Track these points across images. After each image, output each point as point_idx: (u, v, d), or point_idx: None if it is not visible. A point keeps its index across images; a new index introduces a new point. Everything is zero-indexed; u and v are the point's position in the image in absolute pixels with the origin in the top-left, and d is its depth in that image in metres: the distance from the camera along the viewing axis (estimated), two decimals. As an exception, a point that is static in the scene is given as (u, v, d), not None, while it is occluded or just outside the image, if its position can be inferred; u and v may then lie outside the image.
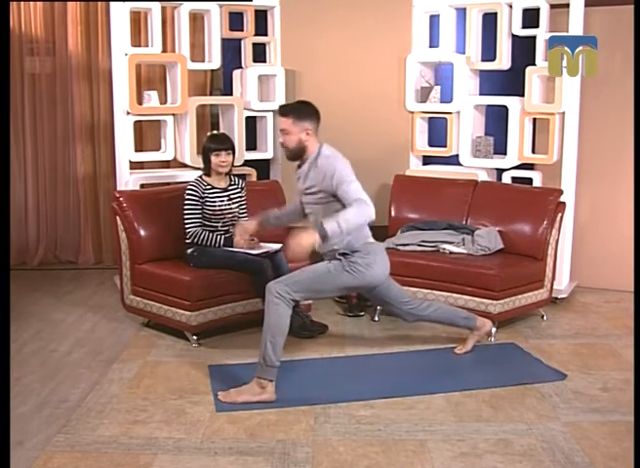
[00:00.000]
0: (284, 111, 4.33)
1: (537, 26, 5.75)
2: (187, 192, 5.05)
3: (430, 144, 6.45)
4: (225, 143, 5.10)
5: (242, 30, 6.27)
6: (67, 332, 5.20)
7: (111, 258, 6.86)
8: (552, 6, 5.77)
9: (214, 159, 5.04)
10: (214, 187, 5.10)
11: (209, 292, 4.89)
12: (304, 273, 4.27)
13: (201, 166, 5.24)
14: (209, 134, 5.71)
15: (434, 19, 6.24)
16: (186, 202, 5.04)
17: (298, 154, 4.32)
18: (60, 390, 4.20)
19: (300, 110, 4.29)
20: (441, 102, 6.19)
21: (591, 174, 6.10)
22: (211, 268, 4.96)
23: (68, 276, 6.70)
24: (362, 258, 4.26)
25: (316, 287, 4.26)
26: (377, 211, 6.11)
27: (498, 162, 6.07)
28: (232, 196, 5.18)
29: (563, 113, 5.75)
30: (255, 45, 6.30)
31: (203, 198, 5.04)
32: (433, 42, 6.25)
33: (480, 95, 6.25)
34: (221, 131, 6.21)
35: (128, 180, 5.98)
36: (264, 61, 6.37)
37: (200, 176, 5.16)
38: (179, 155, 6.20)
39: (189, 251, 5.06)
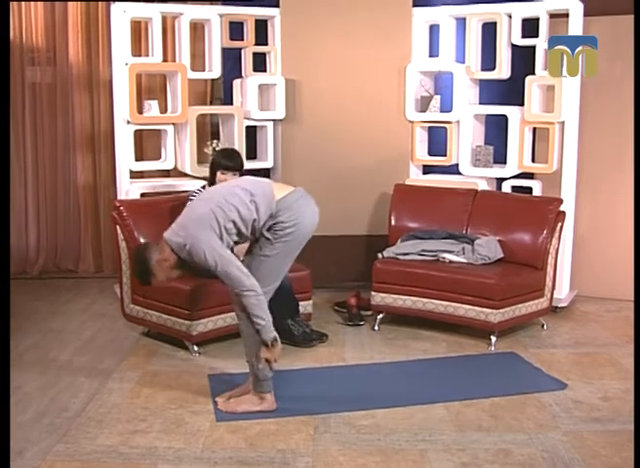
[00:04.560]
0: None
1: (536, 36, 5.77)
2: (189, 202, 5.04)
3: (430, 153, 6.46)
4: (235, 162, 5.01)
5: (242, 40, 6.28)
6: (67, 341, 5.20)
7: (111, 267, 6.86)
8: (552, 16, 5.79)
9: (219, 176, 4.98)
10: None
11: (209, 302, 4.88)
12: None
13: (201, 175, 5.23)
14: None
15: (434, 29, 6.26)
16: (187, 211, 5.03)
17: None
18: (59, 399, 4.20)
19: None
20: (441, 112, 6.20)
21: (591, 183, 6.11)
22: (211, 277, 4.95)
23: (68, 285, 6.70)
24: (285, 219, 3.89)
25: (270, 276, 3.97)
26: (377, 220, 6.26)
27: (497, 171, 6.08)
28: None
29: (563, 122, 5.76)
30: (255, 54, 6.31)
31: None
32: (433, 51, 6.27)
33: (480, 104, 6.27)
34: (222, 140, 6.22)
35: (128, 190, 5.99)
36: (265, 71, 6.38)
37: (203, 186, 5.15)
38: (179, 164, 6.20)
39: (189, 260, 5.05)
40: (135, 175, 6.17)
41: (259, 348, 3.90)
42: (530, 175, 6.12)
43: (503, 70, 5.99)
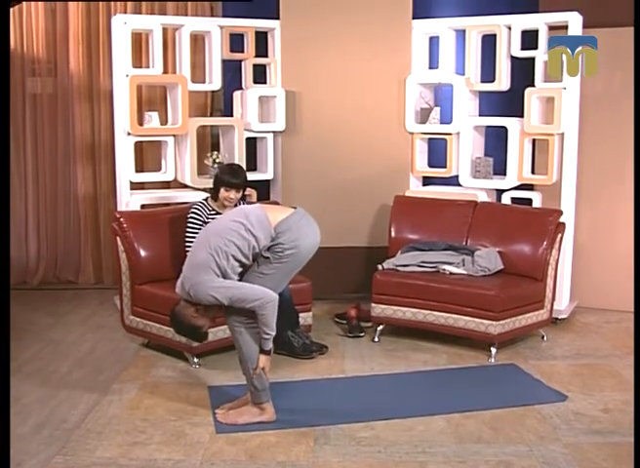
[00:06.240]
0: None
1: (535, 48, 5.79)
2: (191, 214, 5.03)
3: (430, 165, 6.47)
4: (239, 179, 4.98)
5: (242, 51, 6.30)
6: (67, 353, 5.19)
7: (111, 279, 6.86)
8: (551, 28, 5.81)
9: (222, 192, 4.96)
10: (218, 213, 5.07)
11: (209, 313, 4.87)
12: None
13: (201, 187, 5.21)
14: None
15: (434, 41, 6.28)
16: (189, 223, 5.01)
17: None
18: (59, 411, 4.19)
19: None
20: (441, 123, 6.22)
21: (591, 194, 6.12)
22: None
23: (68, 296, 6.69)
24: (285, 241, 3.89)
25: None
26: (377, 232, 6.26)
27: (497, 183, 6.09)
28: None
29: (562, 134, 5.78)
30: (255, 66, 6.32)
31: (206, 222, 5.00)
32: (433, 63, 6.29)
33: (479, 116, 6.28)
34: (222, 151, 6.22)
35: (128, 201, 5.99)
36: (265, 83, 6.39)
37: (206, 199, 5.14)
38: (179, 176, 6.21)
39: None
40: (135, 186, 6.17)
41: (256, 358, 3.92)
42: (530, 187, 6.13)
43: (503, 82, 6.00)
